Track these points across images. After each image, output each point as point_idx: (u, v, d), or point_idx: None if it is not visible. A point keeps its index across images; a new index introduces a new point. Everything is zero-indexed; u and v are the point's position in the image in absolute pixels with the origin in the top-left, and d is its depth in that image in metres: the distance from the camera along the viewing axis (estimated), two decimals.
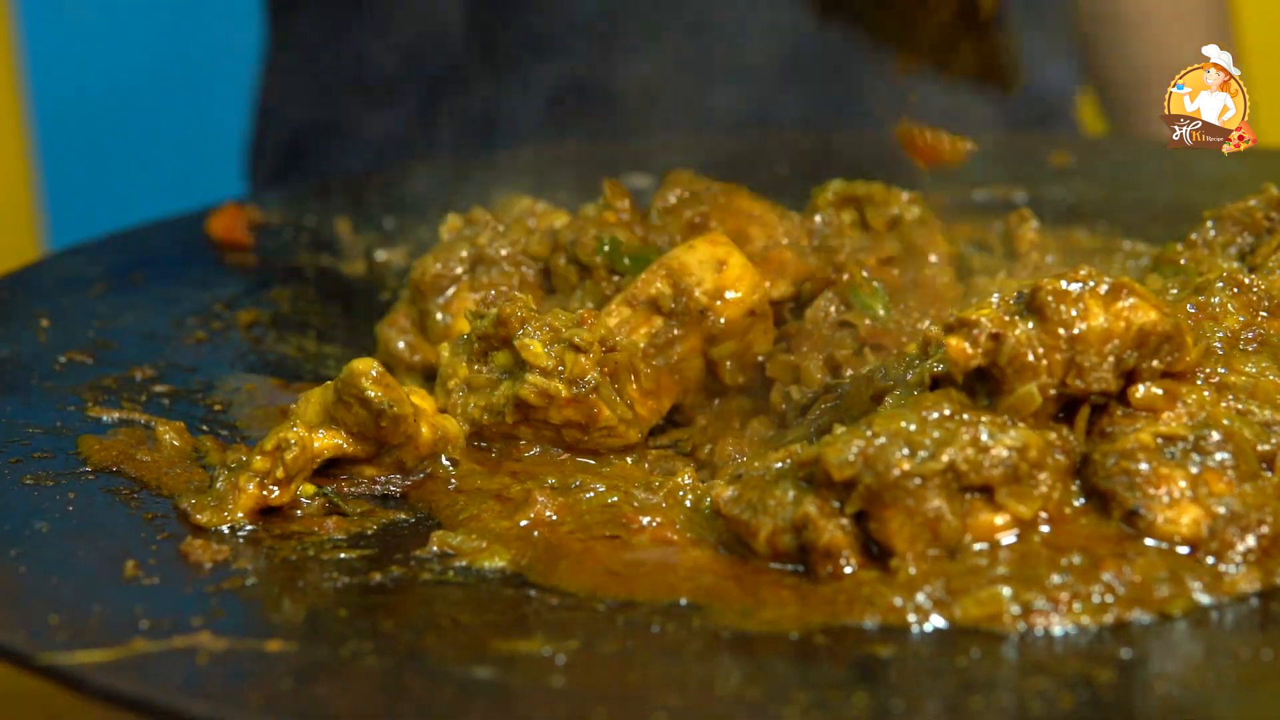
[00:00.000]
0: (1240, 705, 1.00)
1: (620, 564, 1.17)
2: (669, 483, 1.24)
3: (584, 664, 1.05)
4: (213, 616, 1.10)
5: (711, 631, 1.08)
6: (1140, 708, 1.00)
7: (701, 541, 1.18)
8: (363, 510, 1.27)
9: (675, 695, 1.01)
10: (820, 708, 1.00)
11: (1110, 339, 1.15)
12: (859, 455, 1.11)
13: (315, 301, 1.72)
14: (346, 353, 1.59)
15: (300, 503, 1.26)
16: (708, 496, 1.21)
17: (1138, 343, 1.16)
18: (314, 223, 1.90)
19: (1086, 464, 1.16)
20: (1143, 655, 1.04)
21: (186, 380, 1.52)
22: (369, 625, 1.10)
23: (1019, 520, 1.13)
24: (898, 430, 1.13)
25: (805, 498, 1.13)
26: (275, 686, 1.02)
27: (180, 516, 1.24)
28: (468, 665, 1.05)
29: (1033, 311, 1.16)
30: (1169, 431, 1.15)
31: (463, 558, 1.19)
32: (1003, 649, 1.05)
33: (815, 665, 1.05)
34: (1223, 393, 1.19)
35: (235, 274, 1.79)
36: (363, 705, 1.00)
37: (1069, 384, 1.15)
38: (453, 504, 1.27)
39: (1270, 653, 1.04)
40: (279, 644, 1.07)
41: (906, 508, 1.11)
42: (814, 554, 1.12)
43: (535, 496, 1.23)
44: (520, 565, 1.18)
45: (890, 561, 1.11)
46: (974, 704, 1.00)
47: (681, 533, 1.19)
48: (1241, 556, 1.11)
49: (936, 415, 1.14)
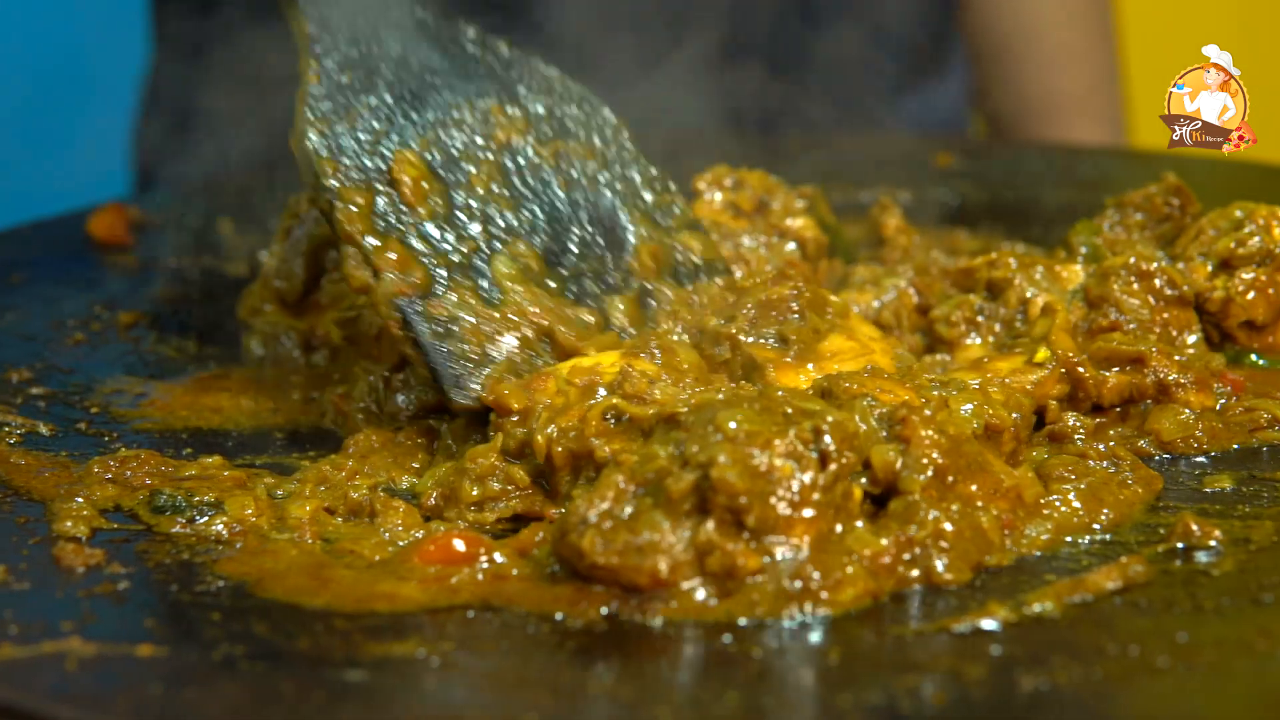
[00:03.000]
0: (1108, 700, 1.02)
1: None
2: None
3: (457, 666, 1.05)
4: (84, 621, 1.09)
5: (585, 631, 1.09)
6: (1009, 704, 1.01)
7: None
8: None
9: (547, 696, 1.01)
10: (692, 707, 1.01)
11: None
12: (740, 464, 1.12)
13: (197, 302, 1.71)
14: (227, 354, 1.58)
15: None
16: (552, 561, 1.16)
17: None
18: (197, 223, 1.89)
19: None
20: (1012, 652, 1.06)
21: (64, 382, 1.50)
22: (242, 629, 1.09)
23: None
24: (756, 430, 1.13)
25: (699, 524, 1.11)
26: (144, 692, 1.02)
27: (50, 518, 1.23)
28: (340, 668, 1.04)
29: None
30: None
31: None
32: (874, 646, 1.06)
33: (687, 664, 1.05)
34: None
35: (116, 275, 1.77)
36: (232, 709, 1.00)
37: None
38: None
39: (1137, 648, 1.05)
40: (150, 649, 1.06)
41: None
42: (731, 579, 1.11)
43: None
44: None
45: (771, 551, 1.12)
46: (843, 702, 1.01)
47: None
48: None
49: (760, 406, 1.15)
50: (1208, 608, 1.10)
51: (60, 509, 1.24)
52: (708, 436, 1.13)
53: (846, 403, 1.21)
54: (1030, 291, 1.46)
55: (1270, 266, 1.46)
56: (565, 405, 1.28)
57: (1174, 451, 1.34)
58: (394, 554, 1.19)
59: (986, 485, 1.20)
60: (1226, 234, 1.47)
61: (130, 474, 1.29)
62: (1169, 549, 1.18)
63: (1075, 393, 1.37)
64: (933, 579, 1.13)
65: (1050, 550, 1.19)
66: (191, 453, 1.37)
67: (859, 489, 1.16)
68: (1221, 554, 1.17)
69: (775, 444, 1.12)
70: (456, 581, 1.15)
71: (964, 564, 1.14)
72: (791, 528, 1.12)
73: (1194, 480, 1.29)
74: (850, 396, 1.23)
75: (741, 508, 1.10)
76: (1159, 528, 1.21)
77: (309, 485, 1.29)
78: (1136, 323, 1.44)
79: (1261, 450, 1.34)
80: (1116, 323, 1.44)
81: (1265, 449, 1.34)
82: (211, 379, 1.53)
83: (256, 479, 1.30)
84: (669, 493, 1.11)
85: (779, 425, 1.14)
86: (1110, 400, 1.37)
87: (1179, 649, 1.05)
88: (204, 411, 1.46)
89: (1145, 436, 1.35)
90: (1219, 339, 1.47)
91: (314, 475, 1.31)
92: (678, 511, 1.11)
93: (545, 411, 1.28)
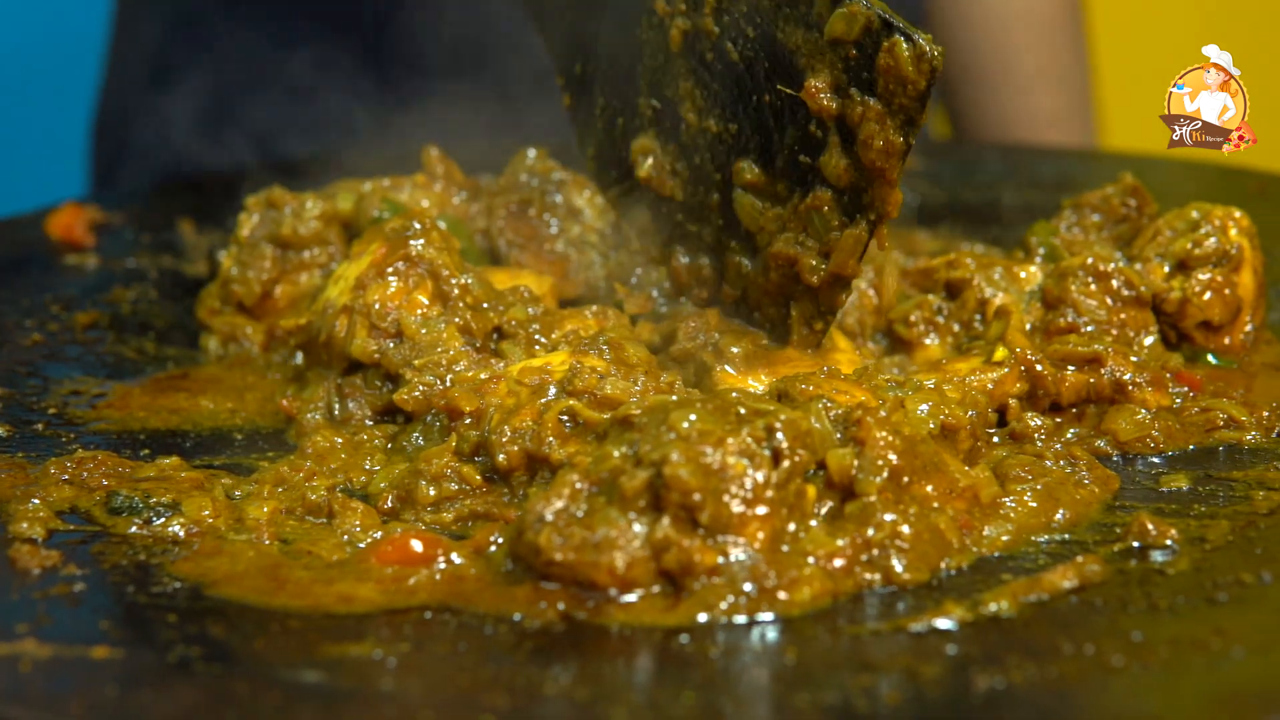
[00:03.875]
0: (1063, 699, 1.02)
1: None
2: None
3: (414, 667, 1.05)
4: (39, 623, 1.09)
5: (542, 632, 1.09)
6: (965, 703, 1.01)
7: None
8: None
9: (503, 697, 1.01)
10: (649, 707, 1.01)
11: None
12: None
13: (156, 303, 1.70)
14: (186, 354, 1.58)
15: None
16: (508, 561, 1.16)
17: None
18: (157, 223, 1.88)
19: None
20: (968, 651, 1.06)
21: (21, 383, 1.49)
22: (198, 630, 1.09)
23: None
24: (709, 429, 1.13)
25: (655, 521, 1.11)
26: (99, 693, 1.01)
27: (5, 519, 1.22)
28: (296, 669, 1.04)
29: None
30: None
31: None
32: (830, 646, 1.07)
33: (644, 665, 1.06)
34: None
35: (74, 275, 1.77)
36: (187, 711, 1.00)
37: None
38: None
39: (1093, 647, 1.06)
40: (106, 650, 1.06)
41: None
42: (687, 576, 1.11)
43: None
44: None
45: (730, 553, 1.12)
46: (800, 701, 1.01)
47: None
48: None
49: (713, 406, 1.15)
50: (1163, 607, 1.11)
51: (16, 510, 1.23)
52: (661, 436, 1.13)
53: (802, 404, 1.22)
54: (989, 292, 1.47)
55: (1226, 267, 1.47)
56: (517, 405, 1.27)
57: (1131, 451, 1.34)
58: (352, 555, 1.19)
59: (942, 485, 1.20)
60: (1183, 235, 1.48)
61: (87, 475, 1.29)
62: (1125, 548, 1.18)
63: (1035, 391, 1.37)
64: (891, 579, 1.14)
65: (1008, 550, 1.19)
66: (149, 454, 1.36)
67: (813, 488, 1.17)
68: (1177, 553, 1.17)
69: (728, 442, 1.12)
70: (414, 582, 1.15)
71: (923, 564, 1.15)
72: (745, 525, 1.12)
73: (1150, 480, 1.30)
74: (806, 398, 1.23)
75: (695, 505, 1.11)
76: (1115, 527, 1.22)
77: (267, 486, 1.29)
78: (1094, 323, 1.44)
79: (1218, 450, 1.34)
80: (1074, 324, 1.44)
81: (1221, 449, 1.34)
82: (170, 380, 1.52)
83: (214, 480, 1.30)
84: (623, 490, 1.11)
85: (732, 424, 1.14)
86: (1069, 399, 1.38)
87: (1134, 648, 1.06)
88: (162, 412, 1.45)
89: (1103, 436, 1.36)
90: (1176, 339, 1.48)
91: (272, 476, 1.30)
92: (633, 509, 1.11)
93: (497, 413, 1.28)
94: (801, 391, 1.24)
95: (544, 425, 1.24)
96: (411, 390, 1.35)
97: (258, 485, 1.29)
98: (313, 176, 1.76)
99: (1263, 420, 1.37)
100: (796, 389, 1.25)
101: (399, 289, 1.40)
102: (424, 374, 1.35)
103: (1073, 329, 1.44)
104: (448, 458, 1.27)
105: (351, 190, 1.60)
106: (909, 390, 1.28)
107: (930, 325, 1.47)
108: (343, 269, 1.44)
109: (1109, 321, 1.45)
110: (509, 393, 1.29)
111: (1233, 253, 1.47)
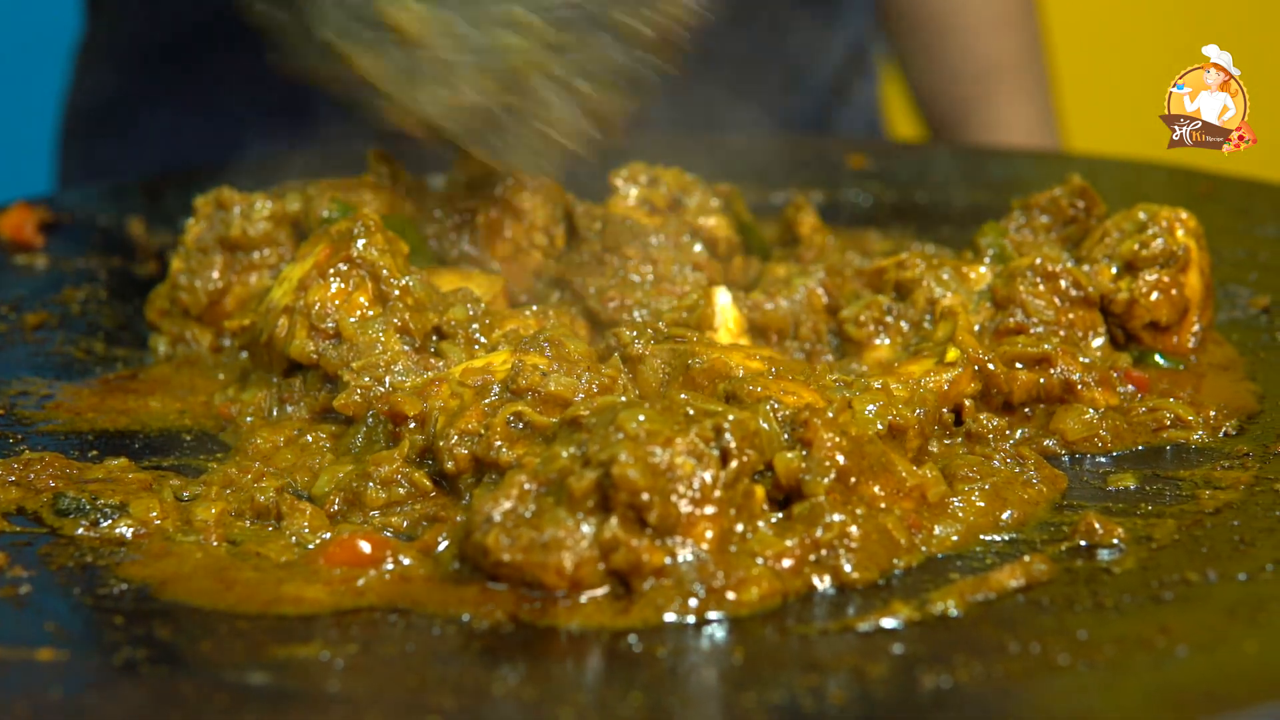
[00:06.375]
0: (1008, 697, 1.03)
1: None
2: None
3: (361, 668, 1.05)
4: None
5: (491, 633, 1.09)
6: (911, 702, 1.02)
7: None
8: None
9: (451, 698, 1.01)
10: (597, 708, 1.01)
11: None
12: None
13: (106, 303, 1.69)
14: (135, 355, 1.57)
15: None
16: (456, 562, 1.16)
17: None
18: (107, 223, 1.87)
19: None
20: (915, 650, 1.06)
21: None
22: (145, 632, 1.09)
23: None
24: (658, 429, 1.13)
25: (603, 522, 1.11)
26: (43, 696, 1.01)
27: None
28: (243, 670, 1.04)
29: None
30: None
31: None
32: (778, 646, 1.07)
33: (592, 665, 1.06)
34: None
35: (23, 275, 1.76)
36: (132, 713, 0.99)
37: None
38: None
39: (1038, 646, 1.06)
40: (51, 653, 1.06)
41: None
42: (635, 576, 1.11)
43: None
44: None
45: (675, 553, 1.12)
46: (747, 701, 1.01)
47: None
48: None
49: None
50: (1109, 605, 1.11)
51: None
52: (609, 436, 1.13)
53: (750, 405, 1.22)
54: (938, 292, 1.47)
55: (1173, 268, 1.48)
56: (461, 408, 1.27)
57: (1079, 451, 1.35)
58: (300, 556, 1.19)
59: (890, 485, 1.21)
60: (1130, 236, 1.49)
61: (34, 476, 1.28)
62: (1072, 547, 1.19)
63: (988, 390, 1.38)
64: (841, 579, 1.14)
65: (956, 550, 1.19)
66: (98, 455, 1.36)
67: (761, 488, 1.17)
68: (1123, 552, 1.18)
69: (676, 442, 1.12)
70: (363, 583, 1.15)
71: (871, 564, 1.15)
72: (694, 525, 1.12)
73: (1098, 479, 1.30)
74: (754, 399, 1.23)
75: (643, 505, 1.11)
76: (1063, 526, 1.22)
77: (215, 488, 1.28)
78: (1042, 324, 1.45)
79: (1165, 450, 1.35)
80: (1023, 324, 1.45)
81: (1168, 448, 1.35)
82: (119, 380, 1.52)
83: (163, 481, 1.29)
84: (571, 491, 1.11)
85: (680, 424, 1.14)
86: (1020, 398, 1.39)
87: (1079, 646, 1.06)
88: (111, 413, 1.45)
89: (1051, 436, 1.36)
90: (1124, 340, 1.49)
91: (220, 478, 1.30)
92: (581, 509, 1.11)
93: (441, 415, 1.27)
94: (749, 393, 1.25)
95: (492, 429, 1.23)
96: (350, 395, 1.34)
97: (205, 487, 1.29)
98: (264, 177, 1.75)
99: (1209, 420, 1.37)
100: (745, 390, 1.25)
101: (339, 290, 1.40)
102: (362, 376, 1.35)
103: (1021, 329, 1.44)
104: (398, 463, 1.27)
105: (301, 191, 1.59)
106: (856, 390, 1.29)
107: (879, 325, 1.47)
108: (288, 270, 1.43)
109: (1057, 322, 1.45)
110: (452, 394, 1.29)
111: (1179, 254, 1.47)
